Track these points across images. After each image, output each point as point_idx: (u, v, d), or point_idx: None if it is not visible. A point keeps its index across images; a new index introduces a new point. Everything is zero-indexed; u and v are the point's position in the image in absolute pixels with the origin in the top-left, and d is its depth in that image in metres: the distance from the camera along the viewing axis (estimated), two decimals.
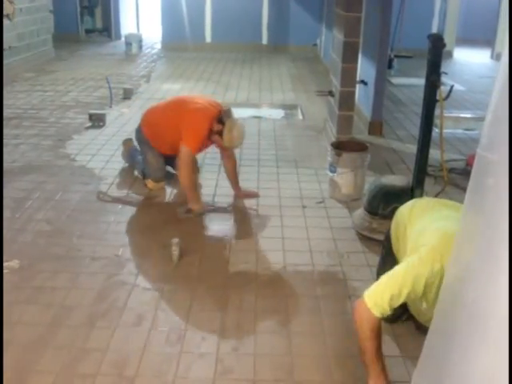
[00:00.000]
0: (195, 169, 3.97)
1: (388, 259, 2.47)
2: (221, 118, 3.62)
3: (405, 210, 2.42)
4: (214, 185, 4.15)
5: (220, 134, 3.60)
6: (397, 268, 2.02)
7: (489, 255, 1.24)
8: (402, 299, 1.93)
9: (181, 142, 3.65)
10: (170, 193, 4.03)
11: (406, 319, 2.46)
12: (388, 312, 1.94)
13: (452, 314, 1.45)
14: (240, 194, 3.95)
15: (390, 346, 2.36)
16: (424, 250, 1.96)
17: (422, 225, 2.18)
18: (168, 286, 2.82)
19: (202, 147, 3.83)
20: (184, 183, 3.71)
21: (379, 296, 1.93)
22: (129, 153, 4.40)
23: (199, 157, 4.55)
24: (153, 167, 4.01)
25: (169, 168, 4.17)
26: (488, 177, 1.24)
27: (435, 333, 1.59)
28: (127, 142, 4.48)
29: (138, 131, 4.11)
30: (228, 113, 3.67)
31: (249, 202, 3.87)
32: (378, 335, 1.97)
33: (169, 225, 3.50)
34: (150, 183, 4.04)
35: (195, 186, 3.84)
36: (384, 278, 2.01)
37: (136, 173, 4.27)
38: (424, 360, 1.67)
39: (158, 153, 4.01)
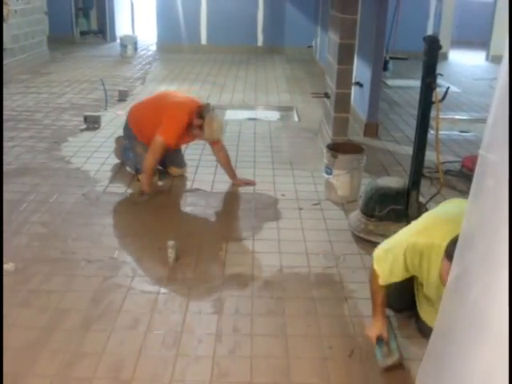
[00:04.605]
0: (160, 159, 4.05)
1: None
2: (200, 112, 3.80)
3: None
4: (211, 180, 4.25)
5: (200, 127, 3.79)
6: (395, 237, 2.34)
7: (489, 256, 1.24)
8: (400, 267, 2.22)
9: (157, 131, 3.81)
10: (165, 195, 4.02)
11: (409, 316, 2.52)
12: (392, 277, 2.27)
13: (453, 313, 1.45)
14: (238, 182, 4.17)
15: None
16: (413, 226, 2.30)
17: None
18: (164, 288, 2.81)
19: (179, 140, 3.98)
20: (146, 167, 3.88)
21: (382, 263, 2.29)
22: (121, 150, 4.43)
23: (196, 154, 4.57)
24: (143, 158, 4.02)
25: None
26: (488, 178, 1.24)
27: (438, 331, 1.61)
28: (120, 140, 4.52)
29: (126, 127, 4.26)
30: (207, 107, 3.86)
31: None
32: (382, 291, 2.32)
33: (164, 226, 3.49)
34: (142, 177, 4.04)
35: (153, 173, 4.00)
36: (387, 244, 2.35)
37: (128, 169, 4.32)
38: (427, 358, 1.69)
39: (147, 146, 4.04)
